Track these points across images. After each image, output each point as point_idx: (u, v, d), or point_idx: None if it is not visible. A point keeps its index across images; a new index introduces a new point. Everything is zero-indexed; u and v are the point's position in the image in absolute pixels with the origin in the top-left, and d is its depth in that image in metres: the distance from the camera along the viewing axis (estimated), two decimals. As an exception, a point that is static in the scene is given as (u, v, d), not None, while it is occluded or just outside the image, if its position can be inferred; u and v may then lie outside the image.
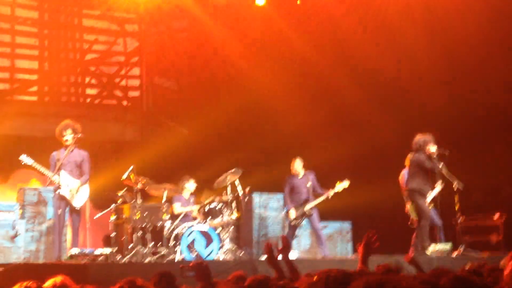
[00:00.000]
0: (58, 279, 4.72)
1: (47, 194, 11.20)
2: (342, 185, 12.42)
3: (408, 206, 12.25)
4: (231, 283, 4.81)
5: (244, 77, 15.67)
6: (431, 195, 12.22)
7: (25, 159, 10.57)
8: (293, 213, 12.52)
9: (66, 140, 10.78)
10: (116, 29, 16.68)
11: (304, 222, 12.85)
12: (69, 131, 10.78)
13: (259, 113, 15.74)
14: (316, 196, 12.58)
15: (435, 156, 11.89)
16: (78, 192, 10.79)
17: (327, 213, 13.11)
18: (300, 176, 12.68)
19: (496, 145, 13.80)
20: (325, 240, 12.75)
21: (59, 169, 10.55)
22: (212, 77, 15.90)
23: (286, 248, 5.57)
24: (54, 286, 4.64)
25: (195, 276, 5.06)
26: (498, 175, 14.03)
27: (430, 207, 12.24)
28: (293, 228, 12.72)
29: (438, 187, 12.18)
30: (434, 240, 12.29)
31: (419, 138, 11.97)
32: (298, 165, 12.71)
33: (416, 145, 11.94)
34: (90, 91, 16.40)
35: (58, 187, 10.54)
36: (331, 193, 12.42)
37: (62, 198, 10.59)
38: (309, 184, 12.55)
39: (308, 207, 12.50)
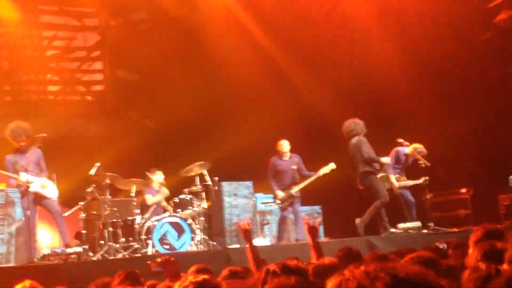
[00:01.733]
0: (26, 283, 4.71)
1: (15, 195, 11.09)
2: (329, 167, 12.36)
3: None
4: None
5: (208, 68, 15.63)
6: (406, 182, 12.46)
7: None
8: (280, 195, 12.45)
9: (23, 144, 10.62)
10: (75, 24, 16.52)
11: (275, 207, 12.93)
12: (23, 135, 10.63)
13: (224, 103, 15.73)
14: (302, 179, 12.48)
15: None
16: (48, 186, 10.72)
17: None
18: (286, 158, 12.57)
19: (459, 120, 13.94)
20: (302, 223, 12.74)
21: (18, 172, 10.41)
22: (175, 69, 15.83)
23: (248, 232, 5.68)
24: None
25: (163, 272, 5.07)
26: (463, 150, 14.20)
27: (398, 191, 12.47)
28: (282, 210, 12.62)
29: (421, 180, 12.41)
30: (406, 217, 12.46)
31: (353, 123, 12.09)
32: (285, 146, 12.58)
33: (352, 132, 12.06)
34: (52, 88, 16.25)
35: (28, 186, 10.42)
36: (320, 173, 12.35)
37: (36, 196, 10.48)
38: (294, 166, 12.46)
39: (294, 190, 12.40)
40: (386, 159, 12.24)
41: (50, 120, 14.71)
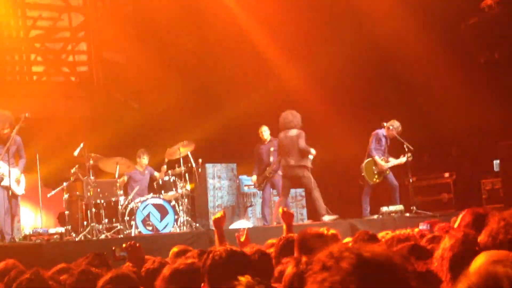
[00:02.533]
0: (8, 262, 4.73)
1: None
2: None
3: (363, 170, 12.50)
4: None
5: (194, 51, 15.59)
6: (392, 162, 12.54)
7: None
8: (252, 179, 12.72)
9: (6, 132, 10.49)
10: (60, 4, 16.41)
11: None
12: (7, 122, 10.50)
13: (210, 85, 15.70)
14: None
15: None
16: (20, 182, 10.61)
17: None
18: (266, 142, 12.72)
19: (442, 105, 13.98)
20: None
21: None
22: (160, 50, 15.77)
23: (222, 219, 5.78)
24: (4, 270, 4.64)
25: (128, 257, 5.09)
26: (446, 134, 14.25)
27: (387, 172, 12.55)
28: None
29: (404, 159, 12.47)
30: (390, 201, 12.52)
31: (291, 115, 12.05)
32: (263, 134, 12.74)
33: (290, 123, 12.01)
34: (37, 69, 16.16)
35: (1, 179, 10.30)
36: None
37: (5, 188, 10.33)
38: (272, 149, 12.56)
39: (267, 171, 12.55)
40: (313, 151, 12.02)
41: (35, 100, 14.65)
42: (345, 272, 1.96)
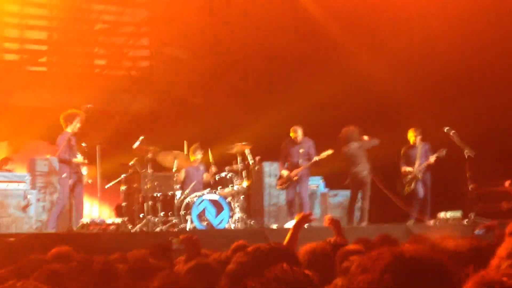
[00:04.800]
0: (61, 249, 4.77)
1: (57, 164, 11.20)
2: (325, 153, 12.24)
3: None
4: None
5: (256, 48, 15.53)
6: (418, 167, 12.48)
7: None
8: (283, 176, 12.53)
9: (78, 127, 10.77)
10: (124, -1, 16.62)
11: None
12: (78, 119, 10.75)
13: (270, 83, 15.65)
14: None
15: None
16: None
17: (337, 181, 13.10)
18: (298, 142, 12.50)
19: (506, 111, 13.68)
20: (308, 208, 12.57)
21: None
22: (222, 46, 15.78)
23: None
24: (57, 257, 4.68)
25: (185, 249, 5.06)
26: (509, 142, 13.93)
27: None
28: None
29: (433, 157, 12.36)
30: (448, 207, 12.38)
31: (350, 130, 12.36)
32: (298, 132, 12.56)
33: (350, 137, 12.32)
34: (99, 62, 16.36)
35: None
36: (316, 158, 12.27)
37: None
38: (301, 150, 12.37)
39: (294, 172, 12.36)
40: None
41: (95, 93, 14.82)
42: (379, 271, 1.91)
